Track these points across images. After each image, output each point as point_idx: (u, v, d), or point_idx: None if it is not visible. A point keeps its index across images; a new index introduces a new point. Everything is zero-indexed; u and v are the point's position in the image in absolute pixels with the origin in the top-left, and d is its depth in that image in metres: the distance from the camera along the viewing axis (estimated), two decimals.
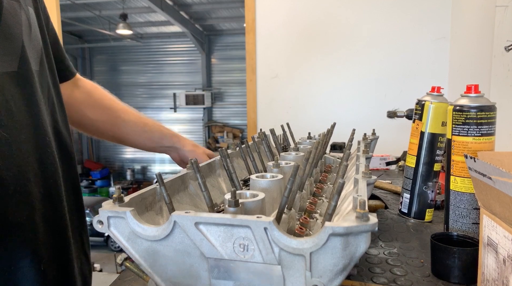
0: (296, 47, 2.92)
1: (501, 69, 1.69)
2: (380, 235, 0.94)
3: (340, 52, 2.85)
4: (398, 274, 0.75)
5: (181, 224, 0.49)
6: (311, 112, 2.93)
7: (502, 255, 0.58)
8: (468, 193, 0.83)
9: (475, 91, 0.83)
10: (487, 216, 0.63)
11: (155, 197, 0.65)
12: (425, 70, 2.72)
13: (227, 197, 0.56)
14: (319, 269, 0.46)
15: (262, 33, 2.97)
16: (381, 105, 1.91)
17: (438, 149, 1.02)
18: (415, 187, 1.04)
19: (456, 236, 0.77)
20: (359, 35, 2.80)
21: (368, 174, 0.67)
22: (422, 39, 2.70)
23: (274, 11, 2.91)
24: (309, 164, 0.77)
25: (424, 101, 1.01)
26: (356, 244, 0.45)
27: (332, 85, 2.89)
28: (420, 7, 2.69)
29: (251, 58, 2.99)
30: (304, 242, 0.46)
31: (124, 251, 0.55)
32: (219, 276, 0.51)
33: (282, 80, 2.98)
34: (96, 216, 0.53)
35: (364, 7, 2.77)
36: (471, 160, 0.65)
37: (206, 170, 0.85)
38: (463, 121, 0.83)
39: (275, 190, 0.71)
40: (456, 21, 2.56)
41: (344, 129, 1.51)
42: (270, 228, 0.46)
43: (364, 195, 0.56)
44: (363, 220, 0.44)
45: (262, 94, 3.05)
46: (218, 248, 0.49)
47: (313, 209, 0.73)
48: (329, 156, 1.19)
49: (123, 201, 0.56)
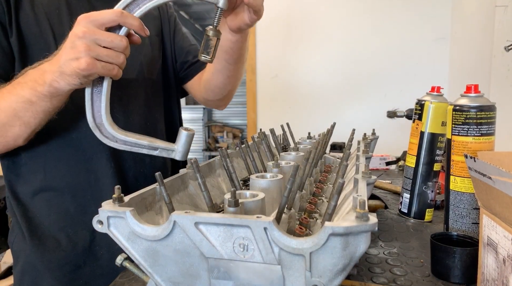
0: (296, 47, 2.92)
1: (501, 69, 1.69)
2: (380, 235, 0.94)
3: (340, 52, 2.85)
4: (398, 274, 0.75)
5: (181, 224, 0.49)
6: (311, 112, 2.93)
7: (502, 255, 0.58)
8: (468, 193, 0.83)
9: (475, 91, 0.83)
10: (487, 216, 0.63)
11: (155, 197, 0.65)
12: (425, 70, 2.72)
13: (227, 197, 0.56)
14: (319, 269, 0.46)
15: (262, 33, 2.97)
16: (381, 105, 1.91)
17: (438, 149, 1.02)
18: (415, 186, 1.04)
19: (456, 236, 0.77)
20: (359, 36, 2.80)
21: (368, 174, 0.67)
22: (422, 39, 2.70)
23: (274, 11, 2.91)
24: (309, 164, 0.77)
25: (424, 101, 1.01)
26: (356, 244, 0.45)
27: (332, 85, 2.90)
28: (420, 7, 2.69)
29: (251, 58, 2.99)
30: (304, 242, 0.46)
31: (124, 251, 0.55)
32: (219, 276, 0.51)
33: (282, 80, 2.98)
34: (96, 216, 0.54)
35: (364, 7, 2.77)
36: (471, 160, 0.65)
37: (206, 170, 0.85)
38: (463, 121, 0.83)
39: (275, 190, 0.71)
40: (456, 21, 2.56)
41: (344, 129, 1.51)
42: (270, 228, 0.46)
43: (364, 195, 0.56)
44: (363, 220, 0.44)
45: (262, 94, 3.05)
46: (218, 248, 0.49)
47: (313, 209, 0.73)
48: (329, 156, 1.19)
49: (123, 200, 0.56)
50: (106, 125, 0.74)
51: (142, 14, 0.73)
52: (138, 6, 0.73)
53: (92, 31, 0.69)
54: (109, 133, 0.75)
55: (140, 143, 0.74)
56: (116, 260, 0.61)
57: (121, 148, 0.75)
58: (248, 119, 3.09)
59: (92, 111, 0.74)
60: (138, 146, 0.75)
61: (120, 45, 0.71)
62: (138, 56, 1.06)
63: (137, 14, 0.73)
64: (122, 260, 0.61)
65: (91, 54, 0.69)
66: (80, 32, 0.68)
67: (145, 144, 0.74)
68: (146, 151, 0.75)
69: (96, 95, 0.75)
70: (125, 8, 0.73)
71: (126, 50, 0.73)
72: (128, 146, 0.75)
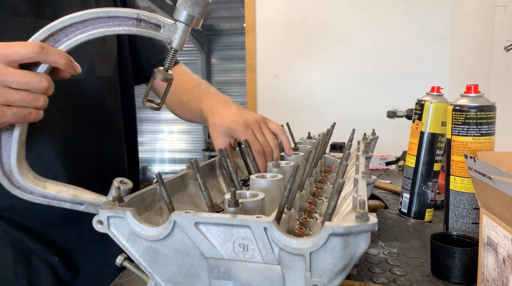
0: (296, 47, 2.92)
1: (501, 69, 1.69)
2: (380, 235, 0.94)
3: (340, 52, 2.85)
4: (398, 274, 0.75)
5: (181, 224, 0.49)
6: (311, 112, 2.93)
7: (502, 255, 0.58)
8: (468, 193, 0.83)
9: (475, 91, 0.83)
10: (487, 216, 0.63)
11: (155, 197, 0.65)
12: (425, 70, 2.72)
13: (227, 197, 0.56)
14: (319, 269, 0.46)
15: (262, 33, 2.97)
16: (381, 105, 1.91)
17: (438, 149, 1.02)
18: (415, 186, 1.04)
19: (456, 236, 0.77)
20: (359, 35, 2.80)
21: (368, 174, 0.67)
22: (422, 39, 2.70)
23: (274, 11, 2.91)
24: (309, 164, 0.77)
25: (424, 101, 1.01)
26: (356, 244, 0.45)
27: (332, 85, 2.89)
28: (420, 7, 2.69)
29: (251, 58, 2.99)
30: (304, 242, 0.46)
31: (124, 251, 0.55)
32: (219, 276, 0.51)
33: (282, 80, 2.98)
34: (96, 216, 0.53)
35: (364, 7, 2.77)
36: (471, 160, 0.65)
37: (206, 170, 0.85)
38: (462, 121, 0.83)
39: (275, 190, 0.71)
40: (456, 21, 2.56)
41: (344, 129, 1.50)
42: (270, 228, 0.46)
43: (364, 194, 0.56)
44: (363, 220, 0.44)
45: (262, 94, 3.05)
46: (218, 248, 0.49)
47: (313, 209, 0.73)
48: (329, 156, 1.19)
49: (123, 200, 0.56)
50: (17, 175, 0.60)
51: (72, 47, 0.58)
52: (67, 36, 0.58)
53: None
54: (21, 184, 0.61)
55: (61, 198, 0.62)
56: (116, 260, 0.61)
57: (37, 201, 0.62)
58: None
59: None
60: (58, 201, 0.62)
61: (39, 87, 0.56)
62: (87, 49, 0.86)
63: (64, 48, 0.58)
64: (122, 260, 0.61)
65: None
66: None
67: (67, 199, 0.62)
68: (69, 206, 0.62)
69: (6, 139, 0.59)
70: (49, 38, 0.57)
71: (48, 90, 0.57)
72: (46, 199, 0.62)
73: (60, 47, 0.58)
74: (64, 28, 0.57)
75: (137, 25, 0.59)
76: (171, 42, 0.61)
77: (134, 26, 0.59)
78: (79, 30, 0.58)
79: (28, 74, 0.55)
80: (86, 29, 0.58)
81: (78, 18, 0.57)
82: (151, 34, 0.60)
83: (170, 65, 0.64)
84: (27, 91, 0.56)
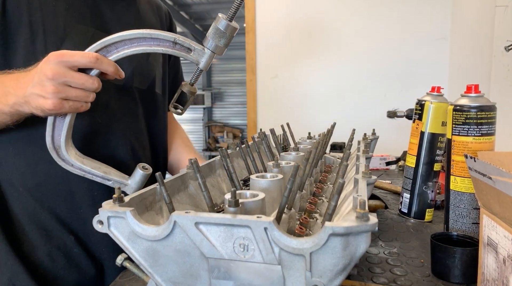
0: (296, 47, 2.92)
1: (501, 69, 1.69)
2: (380, 235, 0.94)
3: (340, 52, 2.85)
4: (398, 274, 0.75)
5: (181, 224, 0.49)
6: (311, 112, 2.93)
7: (502, 255, 0.58)
8: (468, 193, 0.83)
9: (475, 91, 0.83)
10: (487, 216, 0.63)
11: (155, 197, 0.65)
12: (425, 70, 2.71)
13: (227, 197, 0.56)
14: (319, 269, 0.46)
15: (262, 33, 2.97)
16: (381, 105, 1.91)
17: (438, 149, 1.02)
18: (415, 186, 1.04)
19: (456, 236, 0.77)
20: (359, 35, 2.80)
21: (368, 174, 0.67)
22: (422, 39, 2.70)
23: (274, 11, 2.91)
24: (309, 164, 0.77)
25: (424, 101, 1.01)
26: (356, 244, 0.45)
27: (332, 85, 2.89)
28: (420, 7, 2.69)
29: (251, 58, 2.99)
30: (304, 242, 0.46)
31: (124, 251, 0.55)
32: (219, 276, 0.51)
33: (282, 80, 2.98)
34: (96, 216, 0.54)
35: (364, 7, 2.77)
36: (471, 160, 0.65)
37: (206, 170, 0.85)
38: (463, 121, 0.83)
39: (275, 190, 0.71)
40: (456, 21, 2.56)
41: (344, 129, 1.51)
42: (270, 228, 0.46)
43: (364, 195, 0.56)
44: (363, 220, 0.44)
45: (262, 94, 3.05)
46: (218, 248, 0.49)
47: (313, 209, 0.73)
48: (329, 156, 1.19)
49: (123, 201, 0.56)
50: (63, 150, 0.76)
51: (119, 58, 0.72)
52: (117, 49, 0.73)
53: (62, 73, 0.68)
54: (65, 157, 0.77)
55: (94, 173, 0.78)
56: (116, 260, 0.61)
57: (75, 172, 0.78)
58: (248, 119, 3.09)
59: (52, 135, 0.75)
60: (92, 174, 0.79)
61: (91, 87, 0.71)
62: (131, 62, 0.99)
63: (113, 58, 0.72)
64: (122, 260, 0.61)
65: (59, 96, 0.69)
66: (50, 73, 0.67)
67: (99, 174, 0.78)
68: (99, 180, 0.79)
69: (59, 121, 0.76)
70: (102, 49, 0.72)
71: (98, 90, 0.73)
72: (82, 172, 0.78)
73: (111, 57, 0.72)
74: (115, 43, 0.72)
75: (173, 47, 0.73)
76: (199, 63, 0.74)
77: (171, 47, 0.73)
78: (127, 45, 0.72)
79: (84, 77, 0.70)
80: (132, 45, 0.72)
81: (127, 36, 0.71)
82: (183, 55, 0.74)
83: (195, 80, 0.78)
84: (82, 89, 0.71)
